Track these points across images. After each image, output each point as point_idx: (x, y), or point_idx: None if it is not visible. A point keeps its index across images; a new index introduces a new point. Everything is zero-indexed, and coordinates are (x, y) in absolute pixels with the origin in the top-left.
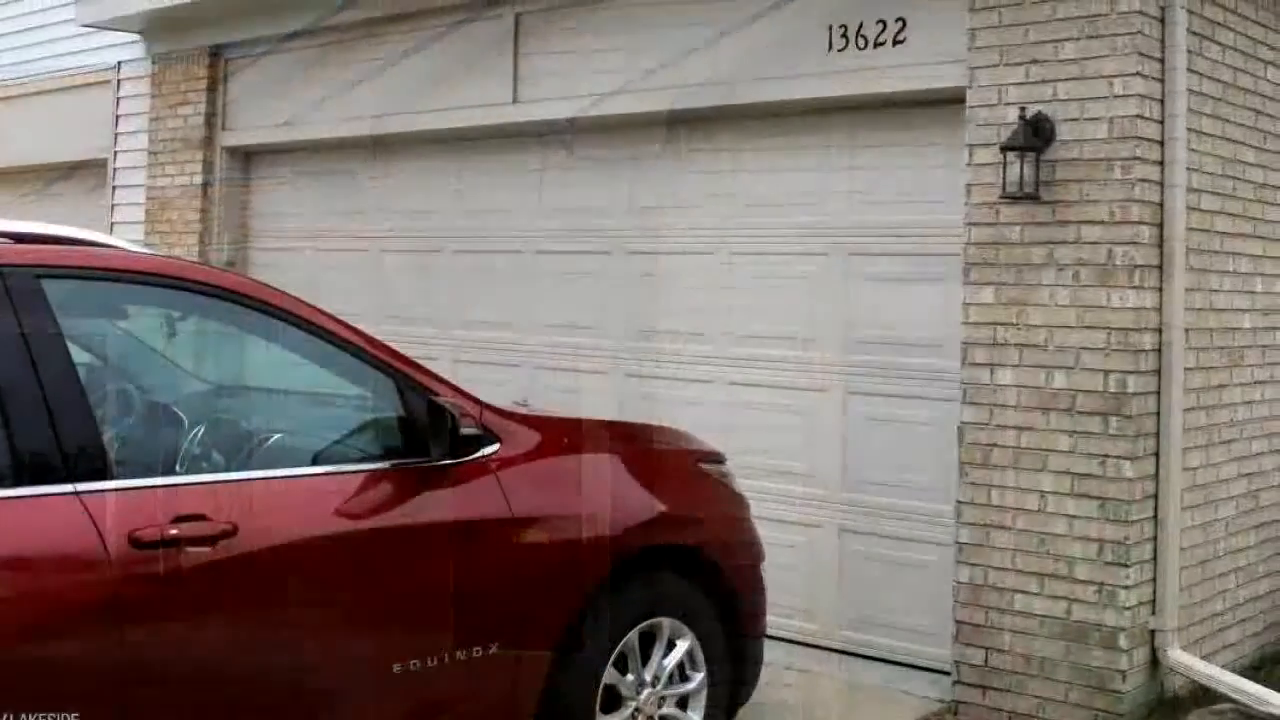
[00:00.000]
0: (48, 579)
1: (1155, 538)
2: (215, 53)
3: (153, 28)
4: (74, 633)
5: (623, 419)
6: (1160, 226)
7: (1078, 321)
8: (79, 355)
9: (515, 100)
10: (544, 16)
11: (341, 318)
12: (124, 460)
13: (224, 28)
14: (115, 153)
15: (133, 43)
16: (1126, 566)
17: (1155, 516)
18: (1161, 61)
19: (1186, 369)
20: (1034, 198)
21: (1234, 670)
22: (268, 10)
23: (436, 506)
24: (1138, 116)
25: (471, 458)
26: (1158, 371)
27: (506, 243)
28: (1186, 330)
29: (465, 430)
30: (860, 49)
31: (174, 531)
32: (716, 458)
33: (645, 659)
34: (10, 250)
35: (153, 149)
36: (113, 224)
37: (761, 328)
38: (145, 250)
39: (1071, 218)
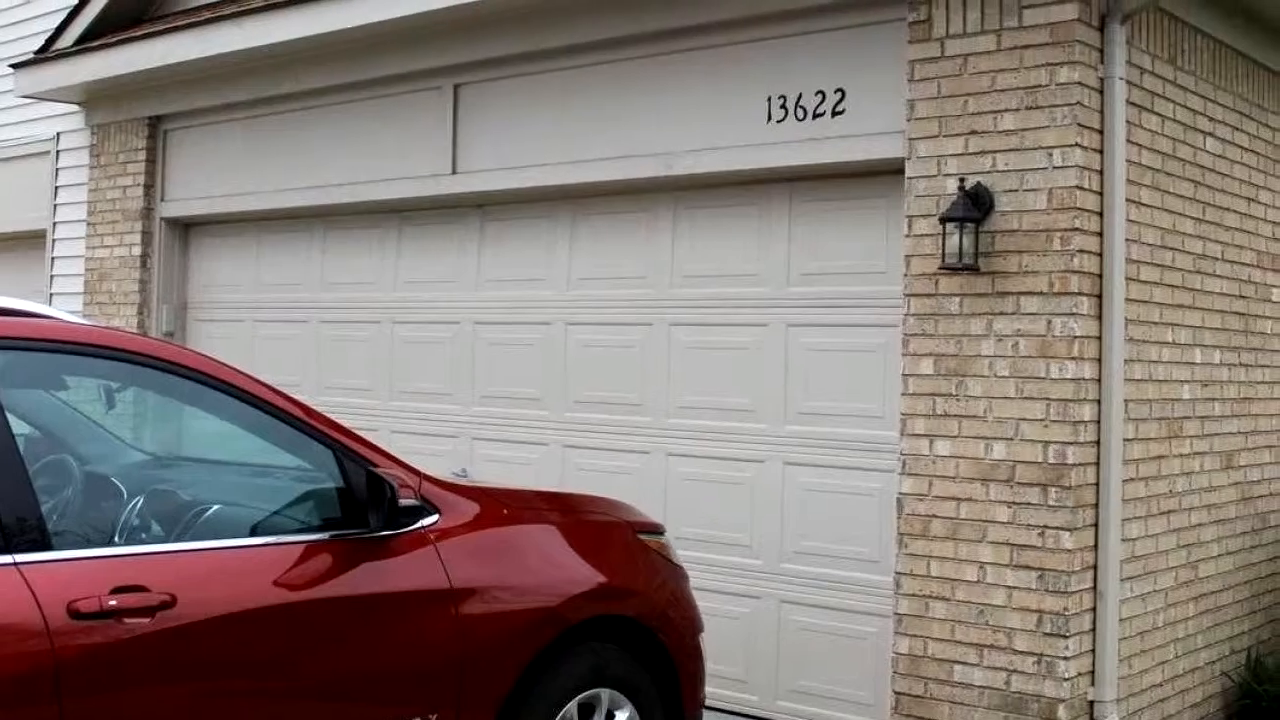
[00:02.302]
0: None
1: (1094, 609)
2: (154, 124)
3: (92, 99)
4: (12, 704)
5: (562, 490)
6: (1099, 297)
7: (1017, 392)
8: (18, 426)
9: (454, 171)
10: (483, 87)
11: (280, 388)
12: (63, 531)
13: (163, 99)
14: (54, 224)
15: (72, 114)
16: (1066, 637)
17: (1094, 587)
18: (1101, 132)
19: (1125, 440)
20: (973, 269)
21: None
22: (206, 81)
23: (375, 578)
24: (1077, 187)
25: (410, 529)
26: (1097, 442)
27: (445, 313)
28: (1126, 401)
29: (404, 501)
30: (799, 120)
31: (113, 602)
32: (655, 529)
33: None
34: None
35: (91, 220)
36: (51, 295)
37: (700, 399)
38: (84, 321)
39: (1011, 289)
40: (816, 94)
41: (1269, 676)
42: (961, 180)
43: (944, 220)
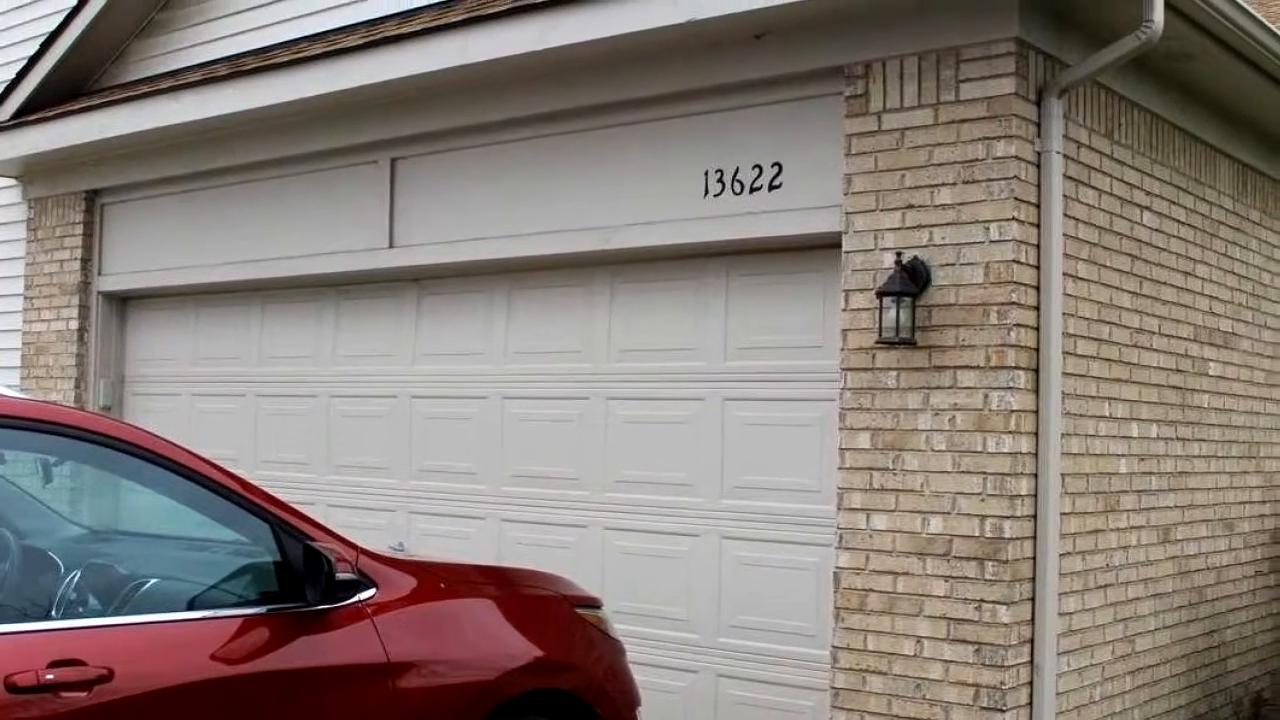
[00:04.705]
0: None
1: (1031, 682)
2: (91, 198)
3: (29, 172)
4: None
5: (499, 564)
6: (1036, 371)
7: (954, 466)
8: None
9: (391, 245)
10: (420, 161)
11: (217, 462)
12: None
13: (100, 173)
14: None
15: (9, 187)
16: (1003, 711)
17: (1031, 661)
18: (1038, 206)
19: (1062, 514)
20: (910, 343)
21: None
22: (144, 155)
23: (312, 652)
24: (1014, 261)
25: (347, 603)
26: (1034, 516)
27: (382, 387)
28: (1063, 475)
29: (341, 575)
30: (736, 194)
31: (50, 676)
32: (593, 602)
33: None
34: None
35: (29, 293)
36: None
37: (637, 472)
38: (21, 395)
39: (948, 363)
40: (754, 168)
41: None
42: (898, 254)
43: (881, 294)
